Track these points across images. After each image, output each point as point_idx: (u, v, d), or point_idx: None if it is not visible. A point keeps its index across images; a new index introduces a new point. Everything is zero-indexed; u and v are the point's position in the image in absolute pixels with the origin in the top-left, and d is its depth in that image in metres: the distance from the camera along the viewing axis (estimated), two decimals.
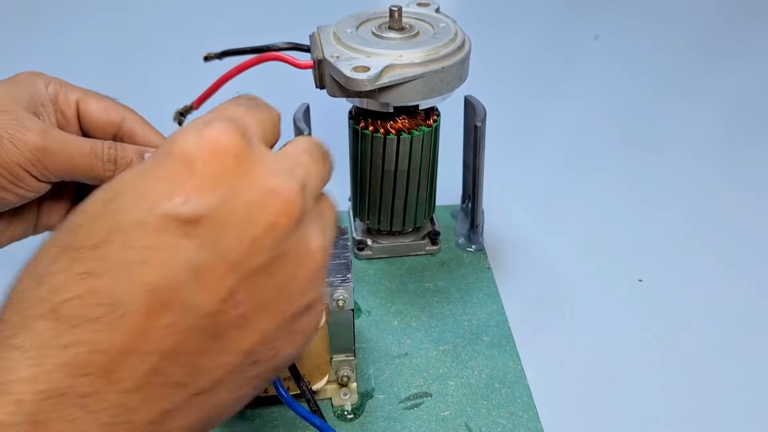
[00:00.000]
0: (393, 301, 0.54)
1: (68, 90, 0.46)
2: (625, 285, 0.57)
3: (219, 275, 0.25)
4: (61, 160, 0.42)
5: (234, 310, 0.25)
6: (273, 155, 0.28)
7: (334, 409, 0.46)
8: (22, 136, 0.40)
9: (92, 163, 0.43)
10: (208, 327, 0.25)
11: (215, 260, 0.25)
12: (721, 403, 0.47)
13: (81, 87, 0.47)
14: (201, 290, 0.24)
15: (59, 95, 0.46)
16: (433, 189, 0.57)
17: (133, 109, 0.48)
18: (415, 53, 0.47)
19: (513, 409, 0.46)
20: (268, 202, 0.26)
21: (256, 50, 0.50)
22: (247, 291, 0.26)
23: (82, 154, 0.42)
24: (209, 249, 0.25)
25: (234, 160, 0.26)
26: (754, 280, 0.57)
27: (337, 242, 0.45)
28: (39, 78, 0.45)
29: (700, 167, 0.71)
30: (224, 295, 0.25)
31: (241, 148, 0.26)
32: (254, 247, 0.25)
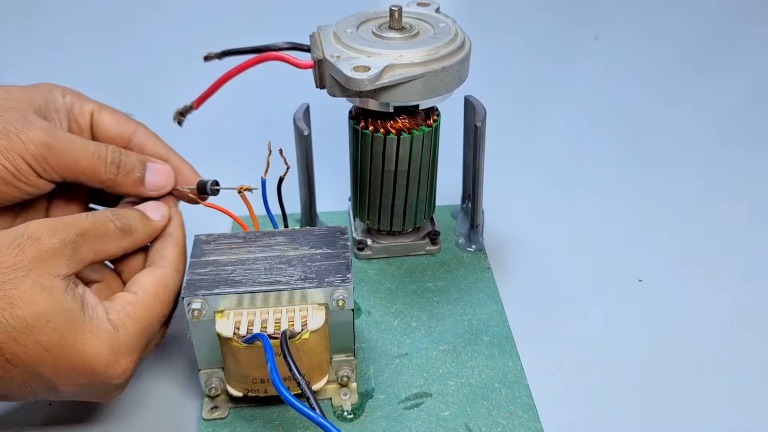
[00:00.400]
0: (393, 301, 0.54)
1: (84, 101, 0.47)
2: (625, 285, 0.57)
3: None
4: (65, 158, 0.42)
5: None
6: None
7: (334, 409, 0.46)
8: (28, 131, 0.41)
9: (95, 164, 0.44)
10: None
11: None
12: (721, 403, 0.47)
13: (96, 101, 0.48)
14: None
15: (75, 105, 0.47)
16: (433, 189, 0.57)
17: (144, 125, 0.49)
18: (415, 53, 0.47)
19: (513, 409, 0.46)
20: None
21: (256, 50, 0.50)
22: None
23: (86, 154, 0.43)
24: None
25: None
26: (754, 280, 0.57)
27: (337, 242, 0.45)
28: (57, 88, 0.47)
29: (701, 167, 0.71)
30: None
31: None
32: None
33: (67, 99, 0.47)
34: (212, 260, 0.43)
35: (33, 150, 0.41)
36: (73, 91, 0.48)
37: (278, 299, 0.42)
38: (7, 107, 0.42)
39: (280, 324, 0.41)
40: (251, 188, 0.47)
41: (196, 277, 0.42)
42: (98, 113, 0.47)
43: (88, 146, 0.44)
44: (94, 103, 0.48)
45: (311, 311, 0.42)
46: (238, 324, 0.41)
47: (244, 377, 0.43)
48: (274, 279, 0.42)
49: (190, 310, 0.41)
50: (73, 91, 0.48)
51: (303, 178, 0.56)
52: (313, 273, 0.42)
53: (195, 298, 0.41)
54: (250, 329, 0.41)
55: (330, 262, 0.43)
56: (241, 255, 0.44)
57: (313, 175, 0.56)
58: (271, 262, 0.43)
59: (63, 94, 0.47)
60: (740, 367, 0.50)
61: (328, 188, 0.64)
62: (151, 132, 0.49)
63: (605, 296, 0.56)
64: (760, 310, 0.54)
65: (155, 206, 0.46)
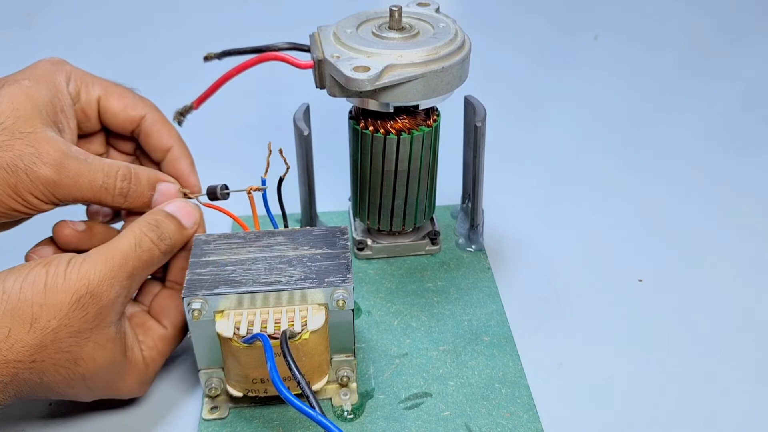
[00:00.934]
0: (393, 301, 0.54)
1: (89, 86, 0.46)
2: (625, 285, 0.57)
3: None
4: (72, 192, 0.43)
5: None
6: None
7: (334, 409, 0.46)
8: (37, 169, 0.41)
9: (103, 196, 0.44)
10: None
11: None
12: (720, 404, 0.47)
13: (103, 79, 0.47)
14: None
15: (81, 93, 0.46)
16: (433, 189, 0.57)
17: (154, 106, 0.49)
18: (415, 53, 0.47)
19: (513, 409, 0.46)
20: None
21: (256, 50, 0.50)
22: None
23: (93, 188, 0.43)
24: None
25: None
26: (754, 280, 0.57)
27: (337, 242, 0.45)
28: (61, 73, 0.46)
29: (701, 167, 0.71)
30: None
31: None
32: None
33: (71, 87, 0.46)
34: (212, 260, 0.43)
35: (41, 188, 0.42)
36: (76, 72, 0.46)
37: (278, 299, 0.42)
38: (16, 130, 0.41)
39: (280, 324, 0.41)
40: (261, 188, 0.46)
41: (196, 277, 0.42)
42: (105, 99, 0.47)
43: (96, 180, 0.43)
44: (100, 85, 0.47)
45: (311, 311, 0.42)
46: (238, 324, 0.41)
47: (244, 377, 0.43)
48: (274, 279, 0.42)
49: (190, 310, 0.41)
50: (77, 73, 0.46)
51: (303, 178, 0.56)
52: (313, 273, 0.42)
53: (195, 298, 0.41)
54: (250, 329, 0.41)
55: (330, 262, 0.43)
56: (241, 255, 0.44)
57: (313, 175, 0.56)
58: (271, 262, 0.43)
59: (67, 80, 0.46)
60: (740, 367, 0.50)
61: (328, 188, 0.64)
62: (159, 115, 0.48)
63: (605, 296, 0.56)
64: (760, 311, 0.54)
65: (189, 212, 0.45)
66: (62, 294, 0.38)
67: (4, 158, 0.40)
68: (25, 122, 0.41)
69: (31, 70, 0.45)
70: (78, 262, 0.39)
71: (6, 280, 0.38)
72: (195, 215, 0.46)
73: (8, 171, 0.40)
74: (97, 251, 0.40)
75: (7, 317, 0.37)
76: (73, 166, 0.42)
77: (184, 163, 0.49)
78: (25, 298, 0.38)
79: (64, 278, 0.38)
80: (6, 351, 0.37)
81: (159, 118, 0.48)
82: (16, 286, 0.38)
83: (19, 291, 0.38)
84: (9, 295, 0.37)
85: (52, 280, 0.38)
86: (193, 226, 0.45)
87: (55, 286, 0.38)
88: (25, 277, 0.38)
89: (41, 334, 0.38)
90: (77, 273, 0.39)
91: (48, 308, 0.38)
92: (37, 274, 0.38)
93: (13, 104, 0.42)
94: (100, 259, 0.40)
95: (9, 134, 0.41)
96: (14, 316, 0.37)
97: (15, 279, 0.38)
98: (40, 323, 0.38)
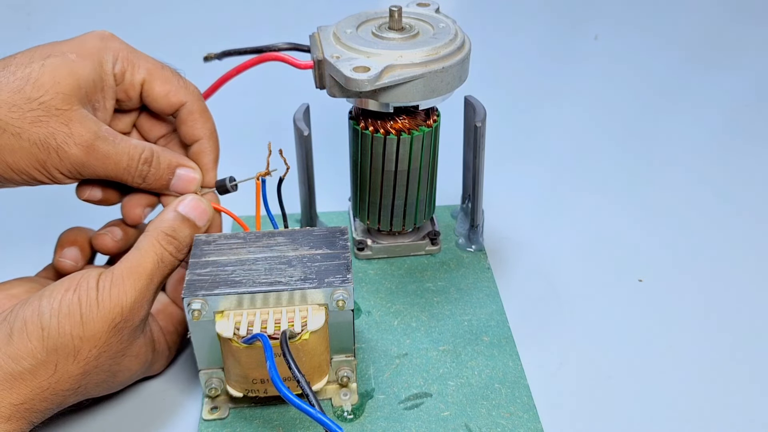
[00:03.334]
0: (393, 301, 0.54)
1: (135, 68, 0.47)
2: (625, 285, 0.57)
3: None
4: (97, 171, 0.44)
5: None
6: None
7: (334, 410, 0.46)
8: (68, 149, 0.42)
9: (124, 176, 0.46)
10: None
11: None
12: (720, 404, 0.47)
13: (150, 59, 0.47)
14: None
15: (126, 74, 0.46)
16: (433, 189, 0.57)
17: (197, 93, 0.49)
18: (415, 53, 0.47)
19: (513, 409, 0.46)
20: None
21: (256, 50, 0.50)
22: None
23: (118, 169, 0.45)
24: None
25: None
26: (753, 281, 0.57)
27: (337, 242, 0.45)
28: (108, 51, 0.46)
29: (701, 167, 0.71)
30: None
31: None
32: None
33: (117, 68, 0.46)
34: (212, 260, 0.43)
35: (69, 167, 0.43)
36: (125, 51, 0.46)
37: (278, 300, 0.42)
38: (53, 107, 0.42)
39: (280, 324, 0.41)
40: (269, 172, 0.47)
41: (196, 278, 0.42)
42: (149, 84, 0.47)
43: (121, 162, 0.44)
44: (145, 68, 0.47)
45: (311, 312, 0.42)
46: (238, 324, 0.41)
47: (244, 377, 0.43)
48: (274, 279, 0.42)
49: (190, 310, 0.41)
50: (125, 52, 0.46)
51: (303, 178, 0.56)
52: (313, 273, 0.42)
53: (195, 299, 0.41)
54: (250, 330, 0.41)
55: (330, 263, 0.43)
56: (241, 255, 0.44)
57: (313, 175, 0.56)
58: (271, 263, 0.43)
59: (114, 59, 0.46)
60: (740, 367, 0.50)
61: (328, 188, 0.64)
62: (198, 106, 0.48)
63: (605, 296, 0.56)
64: (760, 311, 0.54)
65: (203, 211, 0.46)
66: (99, 324, 0.40)
67: (37, 134, 0.41)
68: (64, 99, 0.42)
69: (79, 43, 0.45)
70: (107, 286, 0.40)
71: (42, 315, 0.39)
72: (208, 213, 0.46)
73: (40, 147, 0.41)
74: (122, 271, 0.41)
75: (52, 353, 0.39)
76: (102, 148, 0.43)
77: (207, 158, 0.49)
78: (64, 333, 0.39)
79: (98, 307, 0.40)
80: (56, 384, 0.39)
81: (198, 108, 0.49)
82: (53, 321, 0.39)
83: (58, 326, 0.39)
84: (48, 332, 0.39)
85: (86, 310, 0.39)
86: (206, 225, 0.46)
87: (90, 317, 0.39)
88: (59, 309, 0.39)
89: (84, 363, 0.40)
90: (109, 300, 0.40)
91: (87, 340, 0.39)
92: (71, 303, 0.39)
93: (54, 78, 0.42)
94: (128, 282, 0.41)
95: (45, 110, 0.41)
96: (58, 351, 0.39)
97: (50, 313, 0.39)
98: (82, 354, 0.40)
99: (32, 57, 0.43)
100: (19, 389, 0.38)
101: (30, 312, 0.39)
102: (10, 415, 0.38)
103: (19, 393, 0.38)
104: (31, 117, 0.41)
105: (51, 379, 0.39)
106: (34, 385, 0.39)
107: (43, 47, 0.44)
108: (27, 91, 0.41)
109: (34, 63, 0.42)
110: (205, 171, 0.49)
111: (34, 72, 0.42)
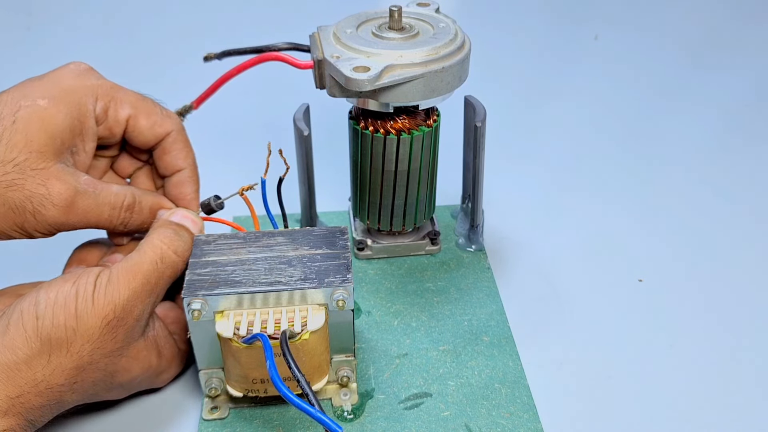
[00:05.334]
0: (393, 301, 0.54)
1: (119, 104, 0.46)
2: (625, 285, 0.57)
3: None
4: (77, 225, 0.44)
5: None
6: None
7: (334, 410, 0.46)
8: (45, 212, 0.42)
9: (105, 225, 0.46)
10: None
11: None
12: (720, 404, 0.47)
13: (130, 93, 0.47)
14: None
15: (109, 112, 0.46)
16: (433, 189, 0.57)
17: (179, 123, 0.49)
18: (415, 53, 0.47)
19: (513, 409, 0.46)
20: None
21: (256, 50, 0.50)
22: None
23: (100, 220, 0.45)
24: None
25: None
26: (754, 280, 0.57)
27: (337, 242, 0.45)
28: (87, 91, 0.44)
29: (701, 167, 0.71)
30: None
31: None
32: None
33: (99, 108, 0.45)
34: (212, 260, 0.43)
35: (47, 227, 0.43)
36: (105, 87, 0.45)
37: (278, 300, 0.42)
38: (27, 167, 0.41)
39: (280, 324, 0.41)
40: (252, 186, 0.47)
41: (196, 278, 0.42)
42: (134, 119, 0.46)
43: (103, 213, 0.44)
44: (130, 103, 0.46)
45: (311, 311, 0.42)
46: (238, 324, 0.41)
47: (244, 377, 0.43)
48: (274, 279, 0.42)
49: (190, 310, 0.41)
50: (105, 88, 0.45)
51: (303, 178, 0.56)
52: (313, 273, 0.42)
53: (195, 299, 0.41)
54: (250, 329, 0.41)
55: (330, 263, 0.43)
56: (241, 255, 0.44)
57: (313, 175, 0.56)
58: (271, 263, 0.43)
59: (95, 98, 0.45)
60: (740, 366, 0.50)
61: (328, 188, 0.64)
62: (181, 136, 0.48)
63: (605, 296, 0.56)
64: (759, 311, 0.54)
65: (194, 221, 0.46)
66: (92, 319, 0.39)
67: (13, 199, 0.41)
68: (38, 157, 0.41)
69: (53, 83, 0.44)
70: (104, 283, 0.40)
71: (38, 305, 0.39)
72: (199, 224, 0.47)
73: (16, 212, 0.41)
74: (120, 271, 0.41)
75: (45, 343, 0.38)
76: (82, 204, 0.43)
77: (189, 188, 0.49)
78: (59, 324, 0.39)
79: (93, 303, 0.39)
80: (50, 376, 0.39)
81: (180, 138, 0.48)
82: (48, 311, 0.39)
83: (52, 316, 0.39)
84: (43, 321, 0.39)
85: (81, 305, 0.39)
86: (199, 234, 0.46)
87: (85, 312, 0.39)
88: (56, 299, 0.39)
89: (78, 357, 0.40)
90: (104, 298, 0.40)
91: (81, 334, 0.39)
92: (68, 296, 0.39)
93: (27, 136, 0.41)
94: (123, 281, 0.40)
95: (20, 172, 0.41)
96: (51, 341, 0.39)
97: (46, 303, 0.39)
98: (75, 347, 0.39)
99: (2, 110, 0.41)
100: (15, 380, 0.38)
101: (27, 303, 0.39)
102: (7, 409, 0.38)
103: (15, 385, 0.38)
104: (6, 181, 0.40)
105: (45, 371, 0.39)
106: (29, 377, 0.38)
107: (15, 92, 0.43)
108: (0, 154, 0.40)
109: (5, 119, 0.41)
110: (189, 201, 0.49)
111: (6, 131, 0.41)
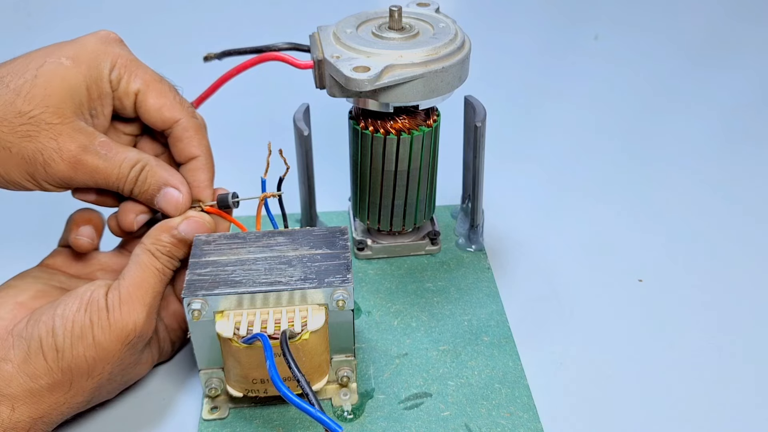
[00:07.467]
0: (393, 301, 0.54)
1: (131, 78, 0.46)
2: (625, 285, 0.57)
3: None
4: (86, 182, 0.45)
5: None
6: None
7: (334, 410, 0.46)
8: (54, 165, 0.43)
9: (113, 186, 0.46)
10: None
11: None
12: (720, 403, 0.47)
13: (149, 71, 0.47)
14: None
15: (122, 82, 0.46)
16: (433, 189, 0.57)
17: (192, 111, 0.48)
18: (415, 53, 0.47)
19: (513, 409, 0.46)
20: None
21: (256, 50, 0.50)
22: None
23: (108, 182, 0.45)
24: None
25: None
26: (754, 280, 0.57)
27: (337, 242, 0.45)
28: (107, 56, 0.45)
29: (701, 167, 0.71)
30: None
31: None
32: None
33: (114, 75, 0.45)
34: (212, 260, 0.43)
35: (56, 180, 0.44)
36: (124, 58, 0.46)
37: (278, 300, 0.42)
38: (42, 121, 0.42)
39: (280, 324, 0.41)
40: (276, 194, 0.47)
41: (196, 278, 0.42)
42: (143, 95, 0.46)
43: (111, 175, 0.45)
44: (142, 79, 0.46)
45: (311, 311, 0.42)
46: (238, 324, 0.41)
47: (244, 377, 0.43)
48: (274, 279, 0.42)
49: (190, 310, 0.41)
50: (124, 60, 0.46)
51: (303, 178, 0.56)
52: (313, 273, 0.42)
53: (195, 299, 0.41)
54: (250, 329, 0.41)
55: (330, 263, 0.43)
56: (241, 255, 0.44)
57: (313, 175, 0.56)
58: (271, 263, 0.43)
59: (112, 65, 0.45)
60: (740, 366, 0.50)
61: (328, 188, 0.64)
62: (192, 122, 0.48)
63: (605, 296, 0.56)
64: (759, 311, 0.54)
65: (196, 227, 0.46)
66: (112, 344, 0.41)
67: (26, 149, 0.42)
68: (54, 112, 0.42)
69: (80, 45, 0.45)
70: (116, 304, 0.41)
71: (56, 337, 0.40)
72: (210, 227, 0.47)
73: (28, 161, 0.42)
74: (129, 289, 0.42)
75: (67, 373, 0.41)
76: (90, 163, 0.43)
77: (203, 175, 0.49)
78: (78, 355, 0.40)
79: (110, 328, 0.41)
80: (72, 398, 0.42)
81: (192, 126, 0.48)
82: (67, 343, 0.40)
83: (71, 348, 0.40)
84: (63, 354, 0.40)
85: (98, 332, 0.41)
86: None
87: (103, 338, 0.41)
88: (72, 330, 0.40)
89: (99, 378, 0.42)
90: (120, 320, 0.41)
91: (101, 360, 0.41)
92: (84, 326, 0.41)
93: (46, 91, 0.42)
94: (137, 299, 0.42)
95: (35, 124, 0.42)
96: (73, 371, 0.41)
97: (63, 335, 0.40)
98: (96, 371, 0.42)
99: (28, 65, 0.43)
100: (38, 405, 0.40)
101: (45, 332, 0.40)
102: (29, 427, 0.40)
103: (38, 408, 0.40)
104: (21, 131, 0.41)
105: (67, 395, 0.41)
106: (51, 401, 0.41)
107: (43, 51, 0.44)
108: (18, 105, 0.41)
109: (28, 73, 0.42)
110: (203, 188, 0.48)
111: (27, 84, 0.42)
